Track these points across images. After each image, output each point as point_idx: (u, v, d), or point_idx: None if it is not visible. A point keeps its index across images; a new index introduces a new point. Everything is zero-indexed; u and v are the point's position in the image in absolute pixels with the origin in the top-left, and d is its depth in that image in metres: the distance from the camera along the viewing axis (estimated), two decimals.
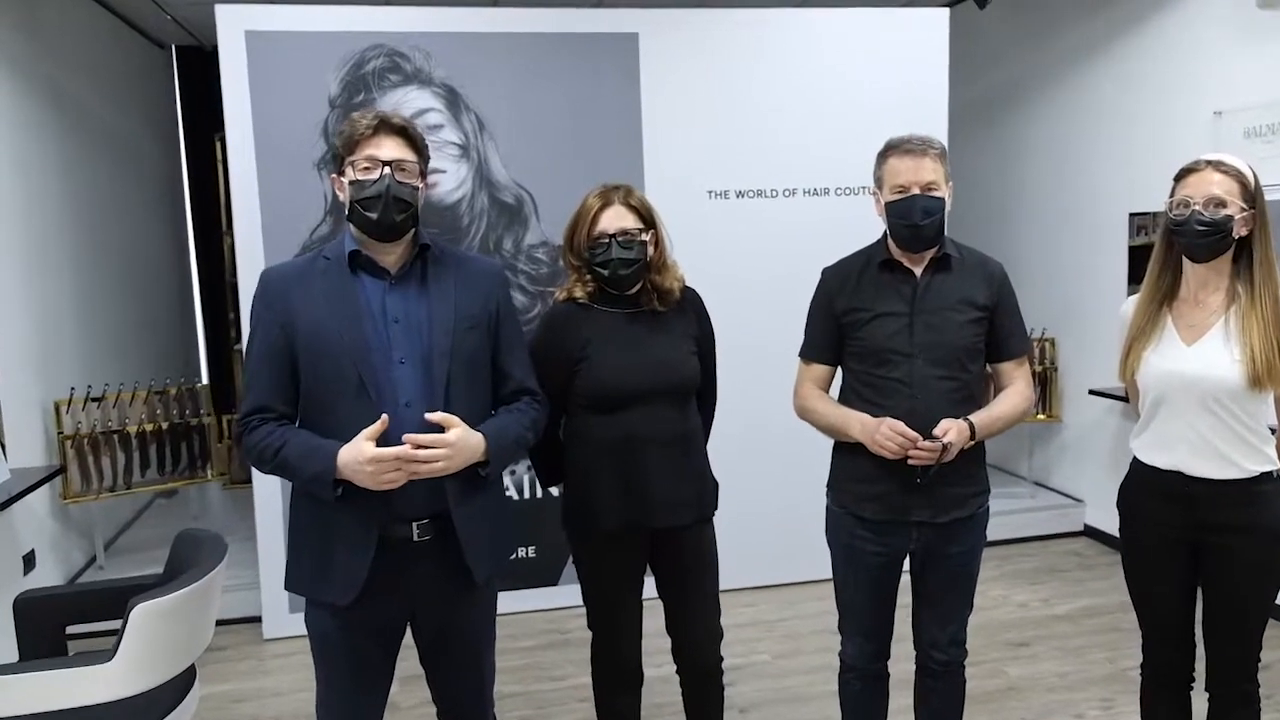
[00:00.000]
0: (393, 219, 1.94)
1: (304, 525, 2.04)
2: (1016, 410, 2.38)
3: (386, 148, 1.95)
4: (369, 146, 1.95)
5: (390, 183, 1.93)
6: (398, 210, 1.94)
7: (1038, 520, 5.10)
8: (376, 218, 1.93)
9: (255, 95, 3.73)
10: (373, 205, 1.93)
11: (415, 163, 1.99)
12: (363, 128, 1.95)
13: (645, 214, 2.39)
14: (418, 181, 2.00)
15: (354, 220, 1.98)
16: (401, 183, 1.94)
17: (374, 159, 1.94)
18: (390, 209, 1.93)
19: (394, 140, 1.97)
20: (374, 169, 1.94)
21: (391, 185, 1.93)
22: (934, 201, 2.28)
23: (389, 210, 1.93)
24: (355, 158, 1.95)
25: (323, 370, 1.95)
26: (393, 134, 1.97)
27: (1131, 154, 4.71)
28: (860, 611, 2.50)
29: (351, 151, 1.96)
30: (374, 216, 1.93)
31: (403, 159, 1.96)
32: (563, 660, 3.66)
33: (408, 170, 1.97)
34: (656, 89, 4.08)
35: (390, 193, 1.92)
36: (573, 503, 2.43)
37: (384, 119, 1.96)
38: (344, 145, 1.97)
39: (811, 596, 4.25)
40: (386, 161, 1.94)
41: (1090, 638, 3.86)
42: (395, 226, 1.96)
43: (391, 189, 1.92)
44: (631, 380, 2.34)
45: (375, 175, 1.93)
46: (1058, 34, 5.20)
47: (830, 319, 2.44)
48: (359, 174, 1.95)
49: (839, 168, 4.24)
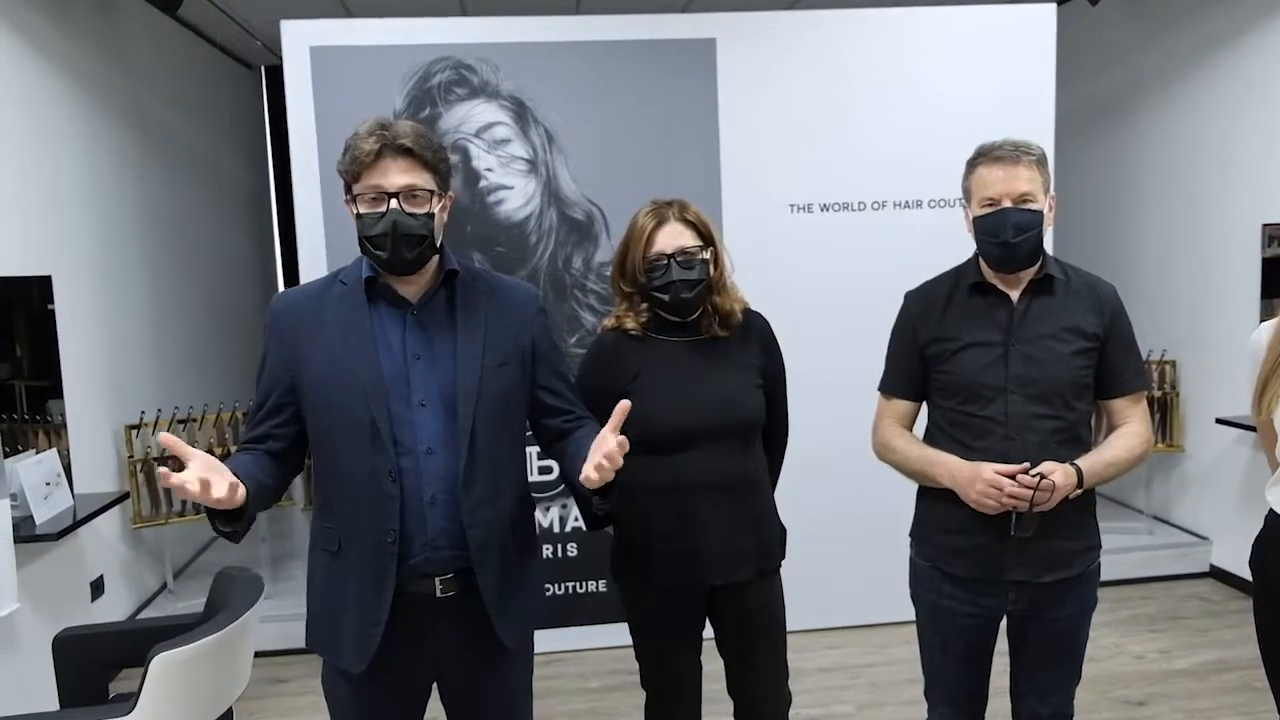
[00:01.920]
0: (404, 257, 1.73)
1: (319, 578, 1.88)
2: (1132, 454, 2.07)
3: (392, 175, 1.70)
4: (373, 174, 1.70)
5: (398, 219, 1.70)
6: (409, 247, 1.73)
7: (1157, 560, 4.66)
8: (387, 257, 1.73)
9: (320, 112, 3.64)
10: (380, 243, 1.72)
11: (428, 188, 1.75)
12: (364, 152, 1.69)
13: (704, 230, 2.16)
14: (434, 206, 1.76)
15: (366, 255, 1.78)
16: (412, 215, 1.71)
17: (379, 190, 1.71)
18: (400, 247, 1.72)
19: (400, 163, 1.71)
20: (380, 202, 1.71)
21: (400, 221, 1.70)
22: (1028, 216, 2.00)
23: (399, 249, 1.72)
24: (361, 188, 1.72)
25: (333, 411, 1.77)
26: (398, 156, 1.71)
27: (1265, 159, 4.26)
28: (949, 679, 2.22)
29: (357, 178, 1.72)
30: (384, 256, 1.73)
31: (413, 185, 1.71)
32: (630, 705, 3.45)
33: (419, 197, 1.73)
34: (735, 97, 3.85)
35: (398, 230, 1.71)
36: (621, 553, 2.22)
37: (386, 140, 1.70)
38: (348, 170, 1.74)
39: (901, 640, 3.94)
40: (392, 193, 1.71)
41: (1218, 698, 3.45)
42: (409, 263, 1.76)
43: (400, 226, 1.70)
44: (686, 418, 2.11)
45: (381, 210, 1.71)
46: (1178, 30, 4.77)
47: (913, 349, 2.18)
48: (364, 207, 1.73)
49: (934, 178, 3.93)
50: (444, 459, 1.75)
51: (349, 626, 1.79)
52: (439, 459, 1.75)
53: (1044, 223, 2.04)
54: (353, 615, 1.79)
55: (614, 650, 3.86)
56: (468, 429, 1.77)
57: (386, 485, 1.74)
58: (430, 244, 1.77)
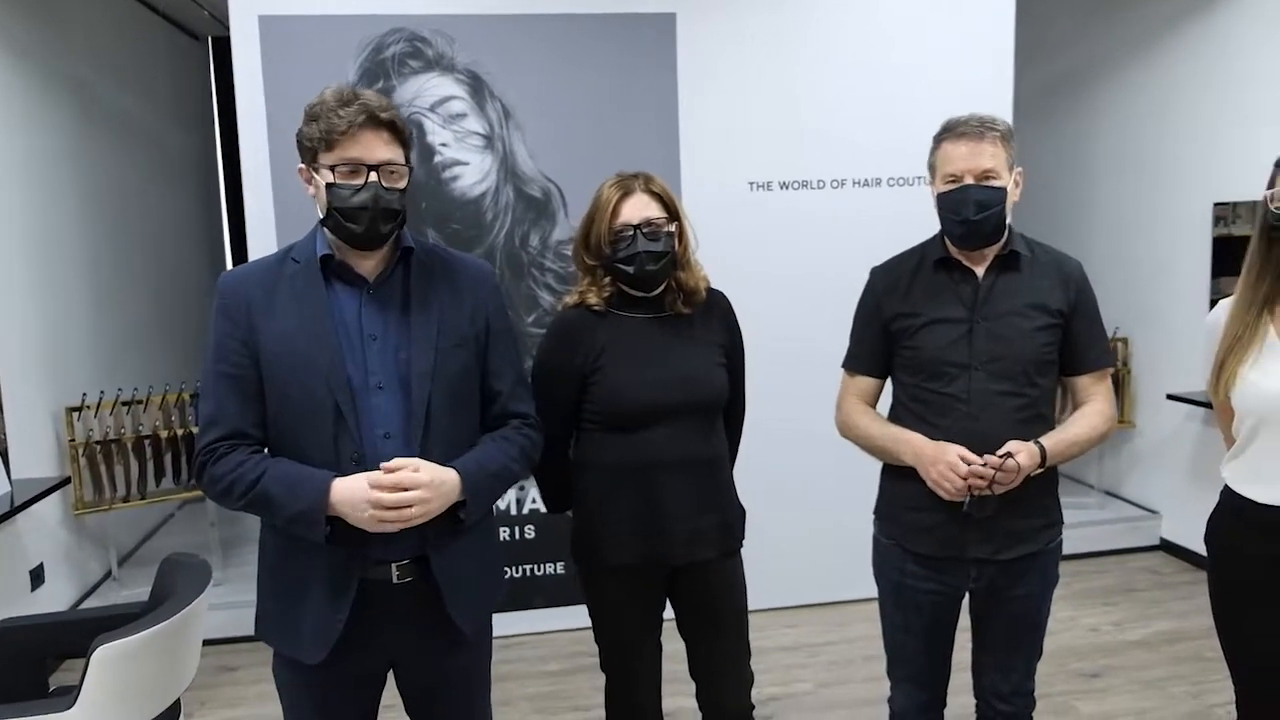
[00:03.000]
0: (379, 231, 1.68)
1: (272, 566, 1.80)
2: (1096, 432, 2.07)
3: (374, 148, 1.65)
4: (352, 146, 1.63)
5: (378, 191, 1.64)
6: (385, 221, 1.67)
7: (1109, 534, 4.73)
8: (361, 231, 1.66)
9: (269, 84, 3.52)
10: (358, 217, 1.65)
11: (403, 163, 1.70)
12: (344, 123, 1.62)
13: (670, 203, 2.11)
14: (404, 182, 1.71)
15: (332, 228, 1.70)
16: (390, 189, 1.67)
17: (359, 163, 1.64)
18: (377, 222, 1.66)
19: (383, 136, 1.66)
20: (358, 174, 1.65)
21: (380, 195, 1.65)
22: (991, 193, 1.98)
23: (375, 223, 1.66)
24: (335, 158, 1.64)
25: (292, 396, 1.70)
26: (380, 129, 1.65)
27: (1215, 140, 4.31)
28: (911, 657, 2.22)
29: (330, 148, 1.64)
30: (358, 229, 1.66)
31: (391, 161, 1.67)
32: (591, 688, 3.41)
33: (396, 173, 1.68)
34: (695, 74, 3.79)
35: (379, 204, 1.65)
36: (582, 534, 2.17)
37: (370, 112, 1.63)
38: (320, 138, 1.65)
39: (859, 617, 3.94)
40: (374, 166, 1.65)
41: (1171, 668, 3.51)
42: (380, 238, 1.70)
43: (380, 200, 1.65)
44: (652, 395, 2.07)
45: (360, 182, 1.64)
46: (1132, 13, 4.80)
47: (878, 325, 2.16)
48: (340, 178, 1.65)
49: (893, 157, 3.92)
50: (401, 443, 1.69)
51: (308, 616, 1.73)
52: (396, 443, 1.69)
53: (1008, 199, 2.01)
54: (312, 605, 1.72)
55: (573, 633, 3.83)
56: (423, 412, 1.71)
57: (349, 470, 1.67)
58: (401, 220, 1.72)
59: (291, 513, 1.65)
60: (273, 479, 1.66)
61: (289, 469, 1.68)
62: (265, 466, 1.68)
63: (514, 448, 1.83)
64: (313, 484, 1.64)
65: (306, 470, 1.67)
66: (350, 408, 1.68)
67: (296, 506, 1.64)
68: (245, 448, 1.71)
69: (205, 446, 1.71)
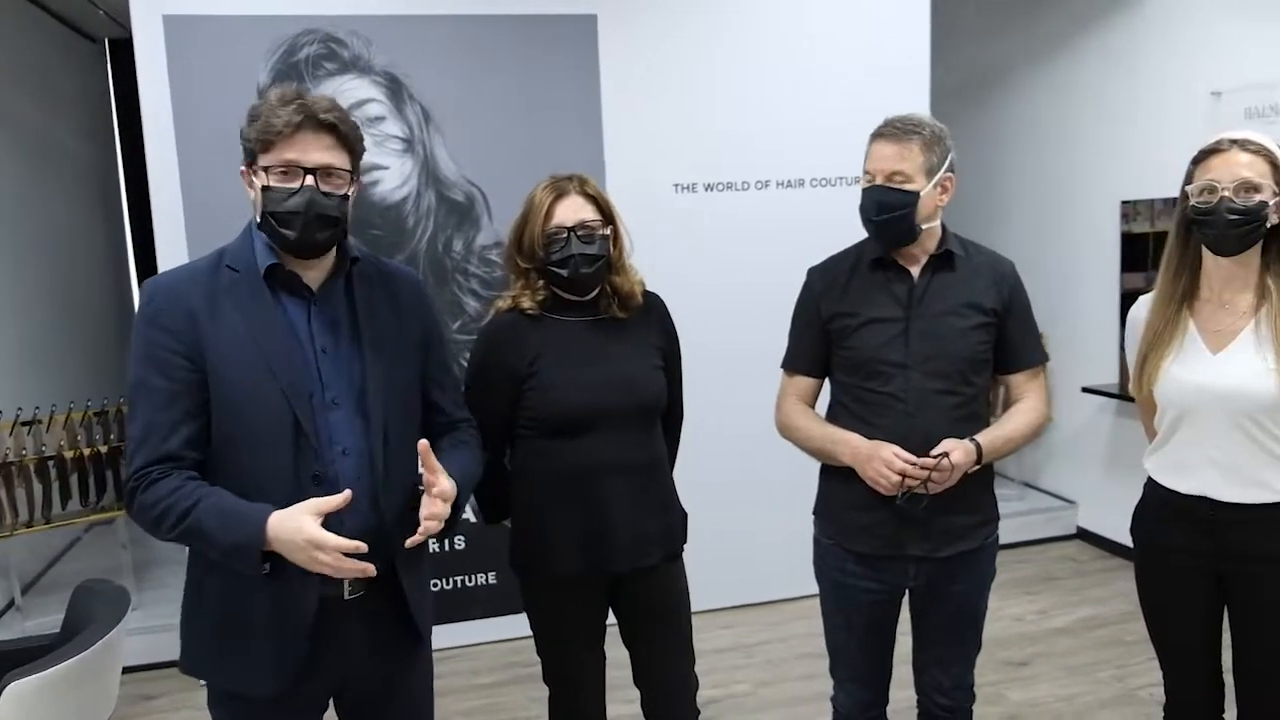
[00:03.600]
0: (314, 238, 1.59)
1: (208, 596, 1.67)
2: (1030, 428, 2.11)
3: (312, 151, 1.57)
4: (289, 148, 1.56)
5: (313, 196, 1.56)
6: (321, 228, 1.59)
7: (1029, 524, 4.85)
8: (294, 237, 1.58)
9: (175, 86, 3.38)
10: (290, 222, 1.57)
11: (346, 169, 1.61)
12: (281, 123, 1.54)
13: (604, 206, 2.09)
14: (349, 189, 1.63)
15: (267, 233, 1.62)
16: (328, 195, 1.58)
17: (294, 166, 1.56)
18: (312, 228, 1.58)
19: (323, 139, 1.58)
20: (294, 177, 1.57)
21: (315, 200, 1.56)
22: (895, 195, 1.99)
23: (310, 229, 1.58)
24: (271, 160, 1.57)
25: (245, 413, 1.59)
26: (320, 131, 1.58)
27: (1123, 138, 4.46)
28: (853, 656, 2.22)
29: (267, 149, 1.57)
30: (291, 235, 1.58)
31: (331, 165, 1.58)
32: (527, 700, 3.36)
33: (336, 178, 1.60)
34: (617, 75, 3.77)
35: (312, 209, 1.56)
36: (522, 544, 2.12)
37: (309, 112, 1.56)
38: (257, 139, 1.58)
39: (793, 616, 3.98)
40: (309, 169, 1.57)
41: (1094, 653, 3.61)
42: (317, 246, 1.61)
43: (314, 205, 1.56)
44: (591, 399, 2.03)
45: (295, 185, 1.56)
46: (1043, 12, 4.94)
47: (816, 325, 2.16)
48: (274, 180, 1.57)
49: (815, 157, 3.97)
50: (359, 460, 1.63)
51: (259, 646, 1.62)
52: (353, 460, 1.63)
53: (919, 203, 1.99)
54: (264, 633, 1.62)
55: (506, 644, 3.77)
56: (381, 428, 1.65)
57: (309, 490, 1.58)
58: (342, 228, 1.64)
59: (226, 546, 1.55)
60: (206, 511, 1.55)
61: (224, 501, 1.56)
62: (199, 496, 1.56)
63: (476, 451, 1.82)
64: (249, 519, 1.53)
65: (243, 504, 1.56)
66: (310, 423, 1.60)
67: (230, 540, 1.54)
68: (179, 473, 1.58)
69: (136, 471, 1.58)
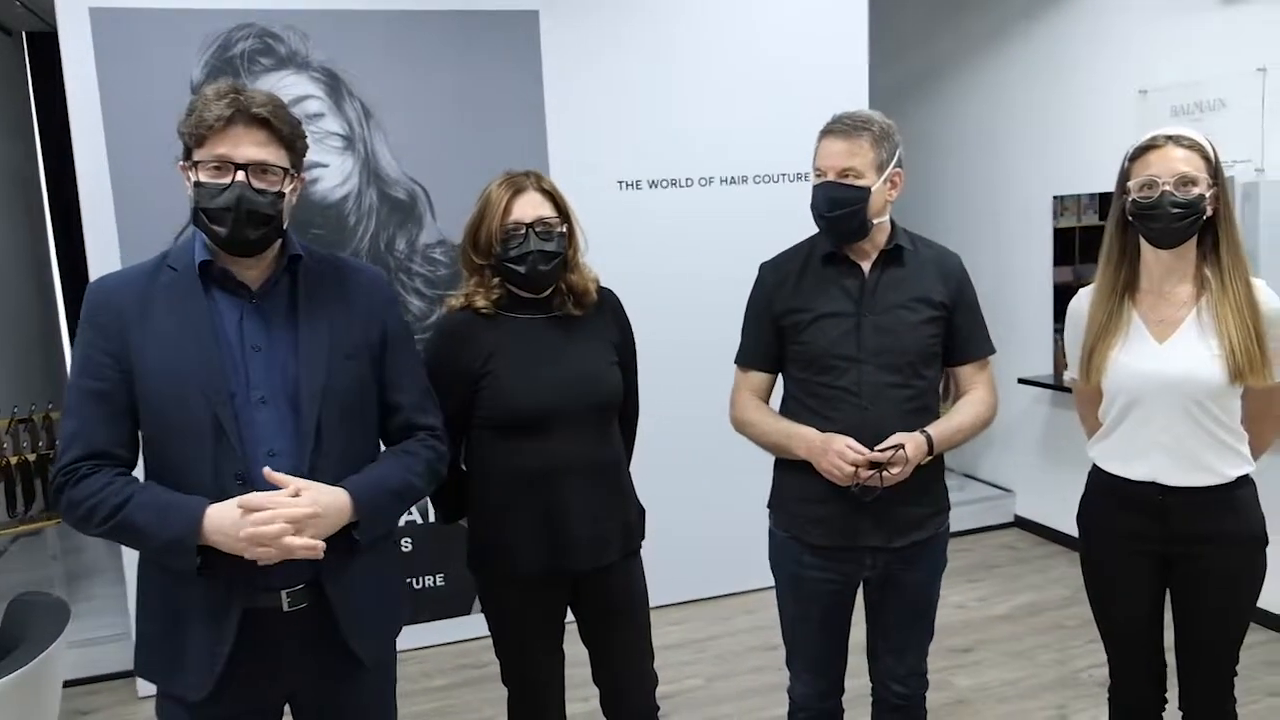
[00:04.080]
0: (245, 236, 1.57)
1: (150, 595, 1.66)
2: (980, 419, 2.15)
3: (243, 146, 1.54)
4: (220, 143, 1.54)
5: (244, 193, 1.54)
6: (252, 226, 1.56)
7: (968, 513, 4.95)
8: (225, 234, 1.56)
9: (104, 81, 3.28)
10: (220, 218, 1.54)
11: (281, 165, 1.59)
12: (213, 117, 1.52)
13: (561, 203, 2.07)
14: (284, 185, 1.60)
15: (200, 229, 1.60)
16: (259, 191, 1.55)
17: (225, 160, 1.54)
18: (242, 224, 1.55)
19: (255, 135, 1.55)
20: (225, 173, 1.54)
21: (245, 197, 1.54)
22: (846, 191, 2.01)
23: (240, 226, 1.55)
24: (204, 155, 1.54)
25: (168, 412, 1.58)
26: (252, 126, 1.55)
27: (1053, 136, 4.58)
28: (809, 647, 2.25)
29: (200, 144, 1.55)
30: (221, 232, 1.56)
31: (264, 161, 1.56)
32: (480, 701, 3.33)
33: (270, 175, 1.57)
34: (560, 72, 3.75)
35: (242, 206, 1.54)
36: (481, 544, 2.10)
37: (242, 107, 1.54)
38: (191, 134, 1.55)
39: (742, 610, 4.02)
40: (240, 165, 1.54)
41: (1036, 638, 3.71)
42: (249, 244, 1.59)
43: (244, 201, 1.54)
44: (548, 397, 2.01)
45: (225, 181, 1.54)
46: (975, 13, 5.05)
47: (769, 321, 2.18)
48: (205, 175, 1.55)
49: (757, 154, 4.00)
50: (289, 461, 1.59)
51: (189, 649, 1.60)
52: (283, 461, 1.59)
53: (870, 199, 2.02)
54: (195, 635, 1.60)
55: (456, 645, 3.74)
56: (312, 428, 1.61)
57: (232, 490, 1.56)
58: (277, 226, 1.61)
59: (160, 542, 1.54)
60: (139, 506, 1.54)
61: (159, 495, 1.56)
62: (132, 491, 1.56)
63: (418, 462, 1.75)
64: (185, 511, 1.53)
65: (178, 496, 1.55)
66: (232, 423, 1.57)
67: (166, 535, 1.53)
68: (109, 469, 1.57)
69: (64, 467, 1.57)
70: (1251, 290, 1.97)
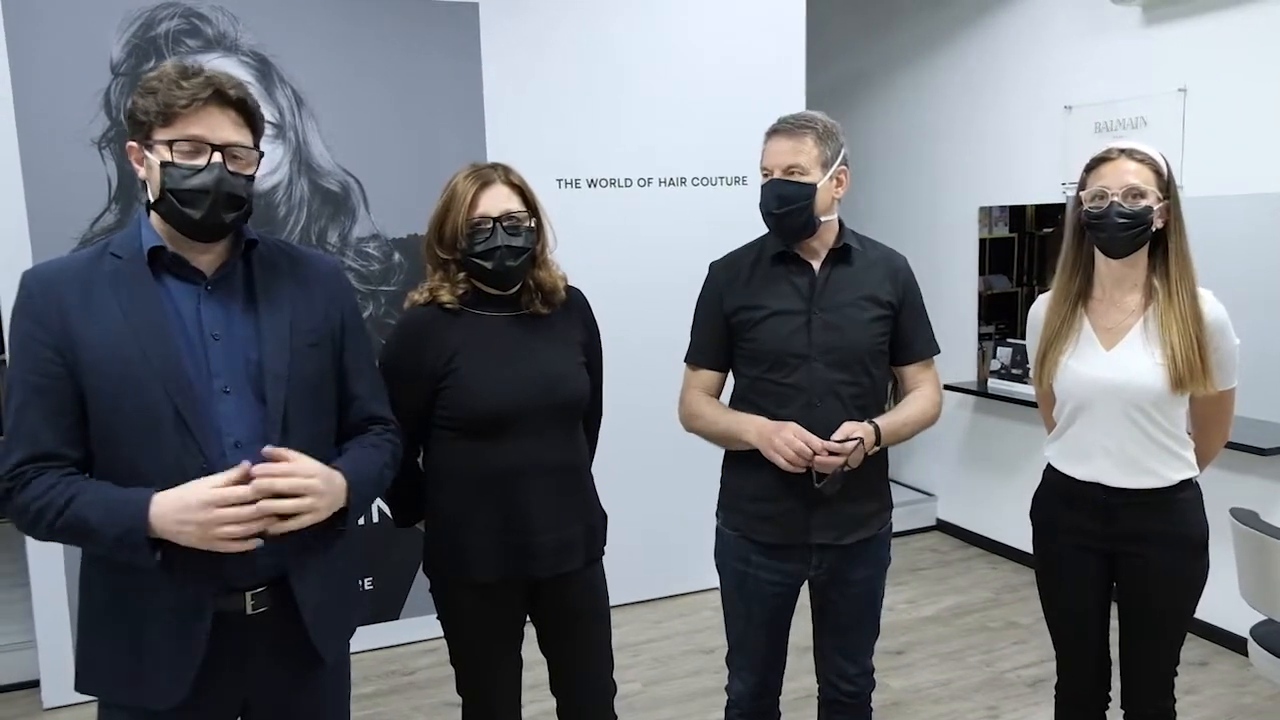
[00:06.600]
0: (220, 219, 1.49)
1: (100, 605, 1.55)
2: (925, 415, 2.16)
3: (220, 127, 1.49)
4: (195, 123, 1.47)
5: (222, 174, 1.47)
6: (228, 209, 1.50)
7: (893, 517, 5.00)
8: (200, 217, 1.48)
9: (14, 60, 3.10)
10: (196, 201, 1.47)
11: (251, 147, 1.54)
12: (186, 96, 1.46)
13: (529, 197, 2.01)
14: (253, 169, 1.55)
15: (164, 213, 1.51)
16: (235, 174, 1.50)
17: (201, 142, 1.47)
18: (220, 207, 1.48)
19: (231, 116, 1.50)
20: (200, 154, 1.47)
21: (224, 179, 1.48)
22: (793, 188, 2.03)
23: (218, 209, 1.48)
24: (173, 135, 1.47)
25: (124, 406, 1.48)
26: (228, 107, 1.50)
27: (980, 148, 4.68)
28: (752, 645, 2.24)
29: (169, 123, 1.47)
30: (196, 215, 1.48)
31: (239, 143, 1.51)
32: (410, 708, 3.23)
33: (242, 158, 1.52)
34: (500, 66, 3.69)
35: (222, 188, 1.47)
36: (439, 548, 2.02)
37: (216, 87, 1.48)
38: (158, 113, 1.47)
39: (675, 613, 4.01)
40: (217, 146, 1.48)
41: (963, 639, 3.77)
42: (222, 228, 1.52)
43: (224, 184, 1.48)
44: (512, 398, 1.94)
45: (200, 163, 1.47)
46: (903, 25, 5.15)
47: (719, 319, 2.16)
48: (179, 157, 1.47)
49: (695, 156, 4.00)
50: (253, 453, 1.50)
51: (155, 655, 1.51)
52: (248, 452, 1.50)
53: (817, 195, 2.04)
54: (160, 642, 1.50)
55: (384, 651, 3.63)
56: (279, 418, 1.54)
57: None
58: (248, 210, 1.55)
59: (111, 538, 1.45)
60: (86, 503, 1.45)
61: (105, 490, 1.47)
62: (77, 489, 1.46)
63: (385, 454, 1.70)
64: (132, 504, 1.44)
65: (125, 490, 1.46)
66: (193, 413, 1.49)
67: (114, 530, 1.44)
68: (56, 470, 1.48)
69: (9, 472, 1.47)
70: (1197, 301, 2.03)
